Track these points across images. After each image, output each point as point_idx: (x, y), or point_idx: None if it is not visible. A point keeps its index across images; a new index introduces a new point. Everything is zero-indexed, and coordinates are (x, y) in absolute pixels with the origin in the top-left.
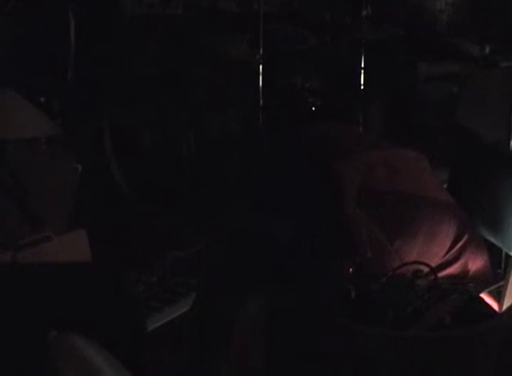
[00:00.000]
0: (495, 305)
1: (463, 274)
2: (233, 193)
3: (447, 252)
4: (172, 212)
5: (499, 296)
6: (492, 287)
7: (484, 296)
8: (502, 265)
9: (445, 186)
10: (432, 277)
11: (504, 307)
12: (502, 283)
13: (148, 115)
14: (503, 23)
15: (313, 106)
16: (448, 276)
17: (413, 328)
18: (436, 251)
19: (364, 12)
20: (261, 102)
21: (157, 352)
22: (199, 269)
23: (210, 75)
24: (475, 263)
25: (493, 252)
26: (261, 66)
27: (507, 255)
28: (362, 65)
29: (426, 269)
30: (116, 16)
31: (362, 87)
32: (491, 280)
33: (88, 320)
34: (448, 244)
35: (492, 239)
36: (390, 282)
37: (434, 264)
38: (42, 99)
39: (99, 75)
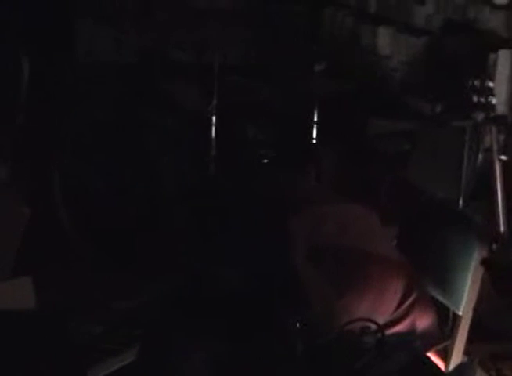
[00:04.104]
0: (441, 365)
1: (411, 332)
2: (184, 243)
3: (395, 309)
4: (119, 261)
5: (445, 355)
6: (439, 346)
7: (431, 355)
8: (450, 324)
9: (395, 242)
10: (379, 334)
11: (451, 366)
12: (449, 342)
13: (100, 162)
14: (456, 83)
15: (265, 158)
16: (396, 334)
17: None
18: (384, 308)
19: (317, 67)
20: (213, 152)
21: None
22: (143, 320)
23: (162, 123)
24: (423, 321)
25: (441, 311)
26: (213, 117)
27: (455, 314)
28: (315, 118)
29: (374, 326)
30: (69, 62)
31: (314, 140)
32: (438, 338)
33: (30, 368)
34: (396, 301)
35: (440, 297)
36: (337, 338)
37: (382, 321)
38: None
39: (50, 120)
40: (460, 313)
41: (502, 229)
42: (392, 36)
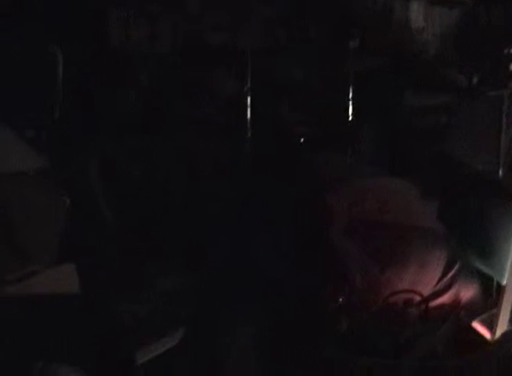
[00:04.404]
0: (487, 334)
1: (455, 303)
2: (222, 224)
3: (438, 281)
4: (160, 244)
5: (491, 324)
6: (484, 316)
7: (477, 325)
8: (494, 294)
9: (436, 215)
10: (424, 306)
11: (496, 335)
12: (494, 311)
13: (137, 149)
14: (490, 54)
15: (302, 137)
16: (440, 305)
17: (405, 358)
18: (427, 280)
19: (351, 44)
20: (250, 134)
21: None
22: (188, 301)
23: (197, 109)
24: (467, 292)
25: (484, 281)
26: (248, 99)
27: (498, 284)
28: (350, 96)
29: (417, 298)
30: (104, 52)
31: (350, 118)
32: (483, 308)
33: (78, 353)
34: (439, 273)
35: (483, 268)
36: (381, 311)
37: (425, 293)
38: (29, 132)
39: (87, 109)
40: (504, 283)
41: None
42: (425, 9)
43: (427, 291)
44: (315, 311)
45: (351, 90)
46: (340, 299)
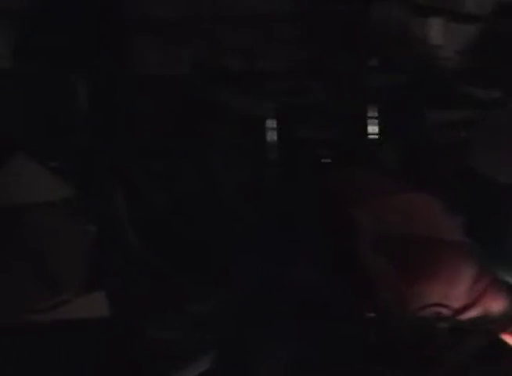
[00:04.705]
0: None
1: (485, 315)
2: (248, 246)
3: (468, 294)
4: (187, 268)
5: None
6: None
7: (507, 337)
8: None
9: (462, 229)
10: (453, 320)
11: None
12: None
13: (161, 174)
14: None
15: (324, 157)
16: (470, 318)
17: (434, 371)
18: (456, 293)
19: (370, 62)
20: (273, 155)
21: None
22: (219, 324)
23: (220, 131)
24: (496, 304)
25: None
26: (270, 120)
27: None
28: (371, 114)
29: (447, 312)
30: (123, 76)
31: (372, 136)
32: None
33: None
34: (468, 286)
35: (511, 280)
36: (411, 325)
37: (455, 306)
38: (54, 163)
39: (110, 136)
40: None
41: None
42: (444, 25)
43: (456, 304)
44: (343, 325)
45: (371, 108)
46: (369, 313)
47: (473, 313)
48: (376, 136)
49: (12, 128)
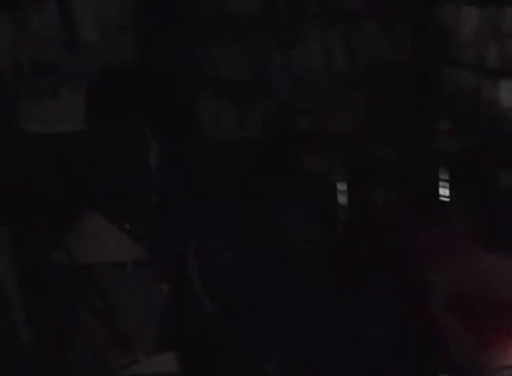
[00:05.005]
0: None
1: None
2: (319, 303)
3: None
4: (257, 327)
5: None
6: None
7: None
8: None
9: None
10: None
11: None
12: None
13: (230, 233)
14: None
15: (397, 218)
16: None
17: None
18: None
19: (442, 125)
20: (343, 217)
21: None
22: None
23: (292, 192)
24: None
25: None
26: (342, 183)
27: None
28: (443, 177)
29: None
30: (195, 139)
31: (443, 198)
32: None
33: None
34: None
35: None
36: None
37: None
38: (127, 225)
39: (181, 197)
40: None
41: None
42: None
43: None
44: None
45: (443, 171)
46: (441, 374)
47: None
48: (449, 198)
49: (87, 189)
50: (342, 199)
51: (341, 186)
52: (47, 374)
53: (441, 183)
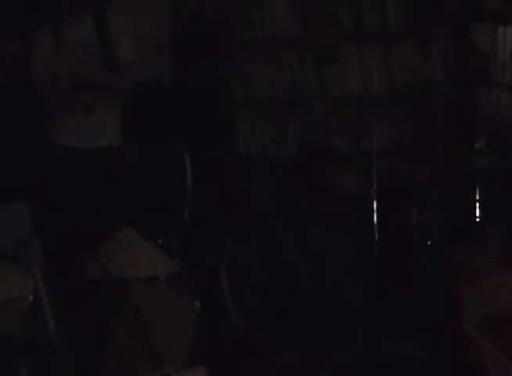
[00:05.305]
0: None
1: None
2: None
3: None
4: (288, 344)
5: None
6: None
7: None
8: None
9: None
10: None
11: None
12: None
13: (263, 248)
14: None
15: (429, 240)
16: None
17: None
18: None
19: (477, 145)
20: (376, 236)
21: None
22: None
23: (325, 210)
24: None
25: None
26: (375, 201)
27: None
28: (477, 197)
29: None
30: (230, 156)
31: (478, 219)
32: None
33: None
34: None
35: None
36: None
37: None
38: (160, 241)
39: (215, 212)
40: None
41: None
42: None
43: None
44: None
45: (477, 191)
46: None
47: None
48: (483, 217)
49: (122, 204)
50: (376, 217)
51: (375, 205)
52: None
53: (475, 203)
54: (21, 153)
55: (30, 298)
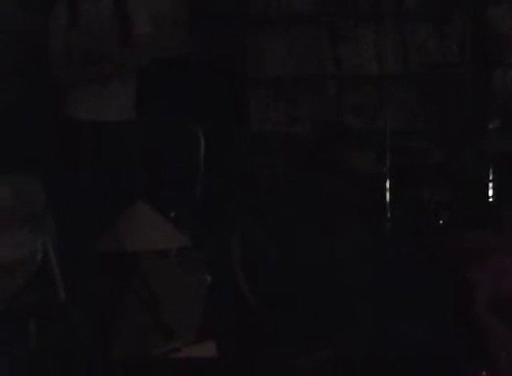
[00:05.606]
0: None
1: None
2: (360, 301)
3: None
4: (299, 322)
5: None
6: None
7: None
8: None
9: None
10: None
11: None
12: None
13: (276, 228)
14: None
15: (441, 219)
16: None
17: None
18: None
19: (491, 125)
20: (389, 215)
21: None
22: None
23: (338, 189)
24: None
25: None
26: (388, 180)
27: None
28: (490, 178)
29: None
30: (243, 133)
31: (490, 199)
32: None
33: None
34: None
35: None
36: None
37: None
38: (172, 213)
39: (228, 190)
40: None
41: None
42: None
43: None
44: None
45: (491, 172)
46: (484, 374)
47: None
48: (495, 198)
49: (135, 177)
50: (389, 198)
51: (388, 184)
52: (93, 359)
53: (488, 183)
54: (36, 127)
55: (39, 256)
